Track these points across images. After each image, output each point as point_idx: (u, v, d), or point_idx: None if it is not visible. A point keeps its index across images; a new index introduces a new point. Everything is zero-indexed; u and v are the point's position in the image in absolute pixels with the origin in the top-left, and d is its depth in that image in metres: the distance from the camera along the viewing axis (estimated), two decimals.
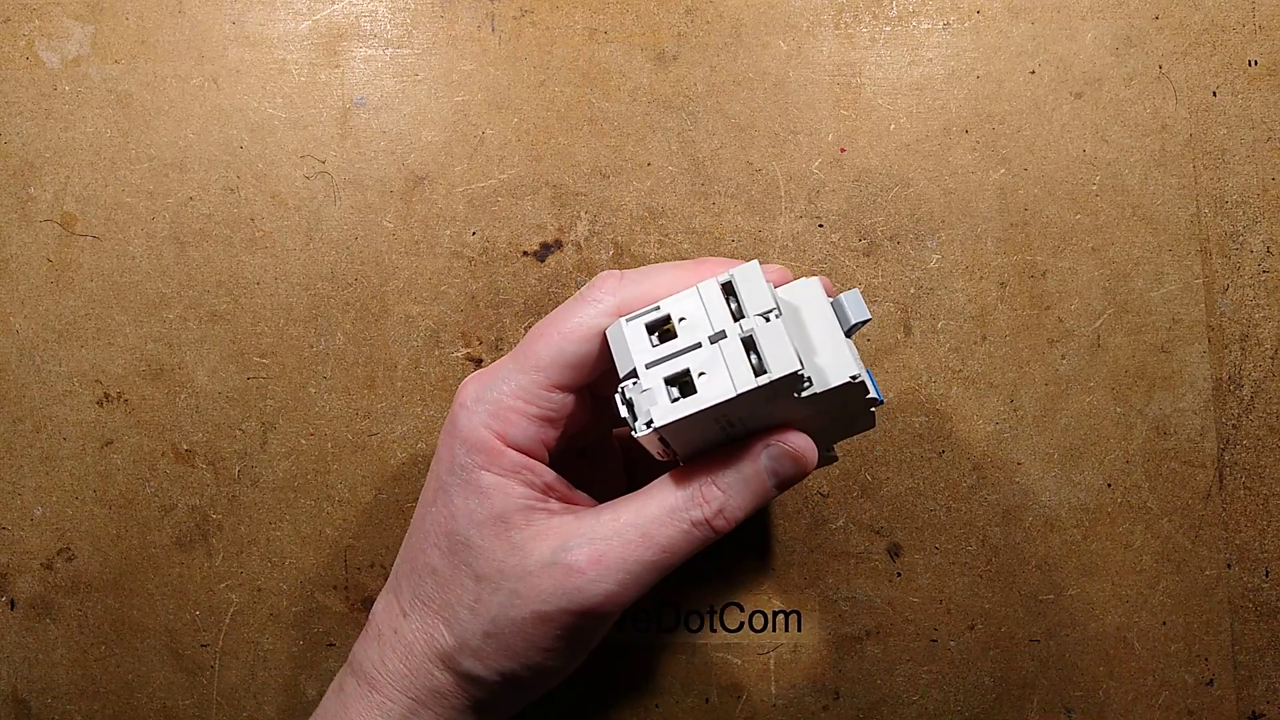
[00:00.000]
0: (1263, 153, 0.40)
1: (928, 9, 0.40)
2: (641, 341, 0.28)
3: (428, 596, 0.31)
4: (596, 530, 0.29)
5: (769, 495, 0.30)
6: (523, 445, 0.30)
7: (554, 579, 0.29)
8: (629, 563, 0.29)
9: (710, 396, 0.27)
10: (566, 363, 0.30)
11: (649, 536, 0.29)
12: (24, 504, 0.40)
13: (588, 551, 0.29)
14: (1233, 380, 0.39)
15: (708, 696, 0.39)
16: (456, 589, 0.30)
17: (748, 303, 0.28)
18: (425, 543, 0.31)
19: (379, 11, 0.41)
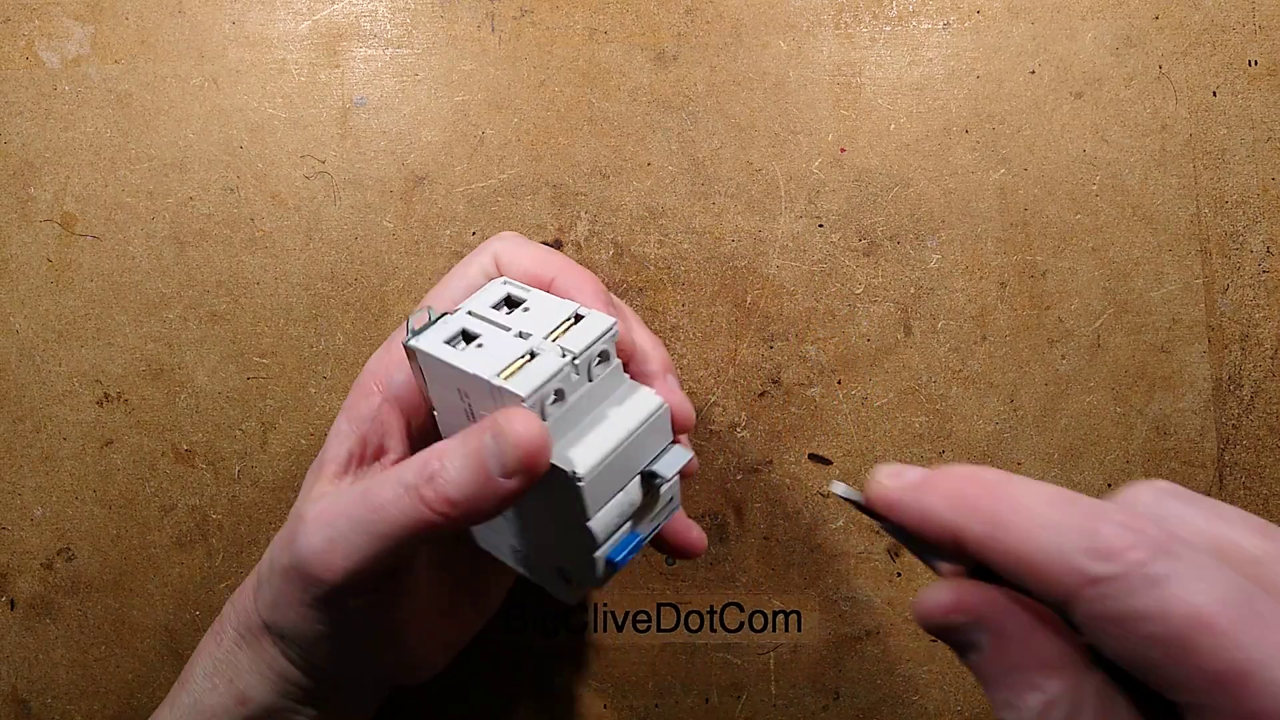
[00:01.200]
0: (1263, 153, 0.40)
1: (928, 9, 0.40)
2: (491, 298, 0.29)
3: None
4: (341, 486, 0.28)
5: (491, 480, 0.25)
6: (397, 391, 0.30)
7: (290, 528, 0.28)
8: (340, 518, 0.26)
9: (451, 357, 0.27)
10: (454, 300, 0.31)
11: (367, 495, 0.26)
12: (24, 504, 0.40)
13: (324, 504, 0.27)
14: (1233, 380, 0.39)
15: (708, 696, 0.39)
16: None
17: (569, 336, 0.27)
18: None
19: (379, 11, 0.41)
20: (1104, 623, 0.19)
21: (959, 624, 0.21)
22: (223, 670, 0.31)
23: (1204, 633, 0.18)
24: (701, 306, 0.40)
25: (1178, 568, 0.18)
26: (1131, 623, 0.18)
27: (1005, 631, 0.21)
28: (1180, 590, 0.18)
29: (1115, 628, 0.18)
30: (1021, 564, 0.20)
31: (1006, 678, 0.21)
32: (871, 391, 0.40)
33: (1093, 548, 0.19)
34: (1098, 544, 0.19)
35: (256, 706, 0.31)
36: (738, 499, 0.40)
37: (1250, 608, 0.18)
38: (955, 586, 0.22)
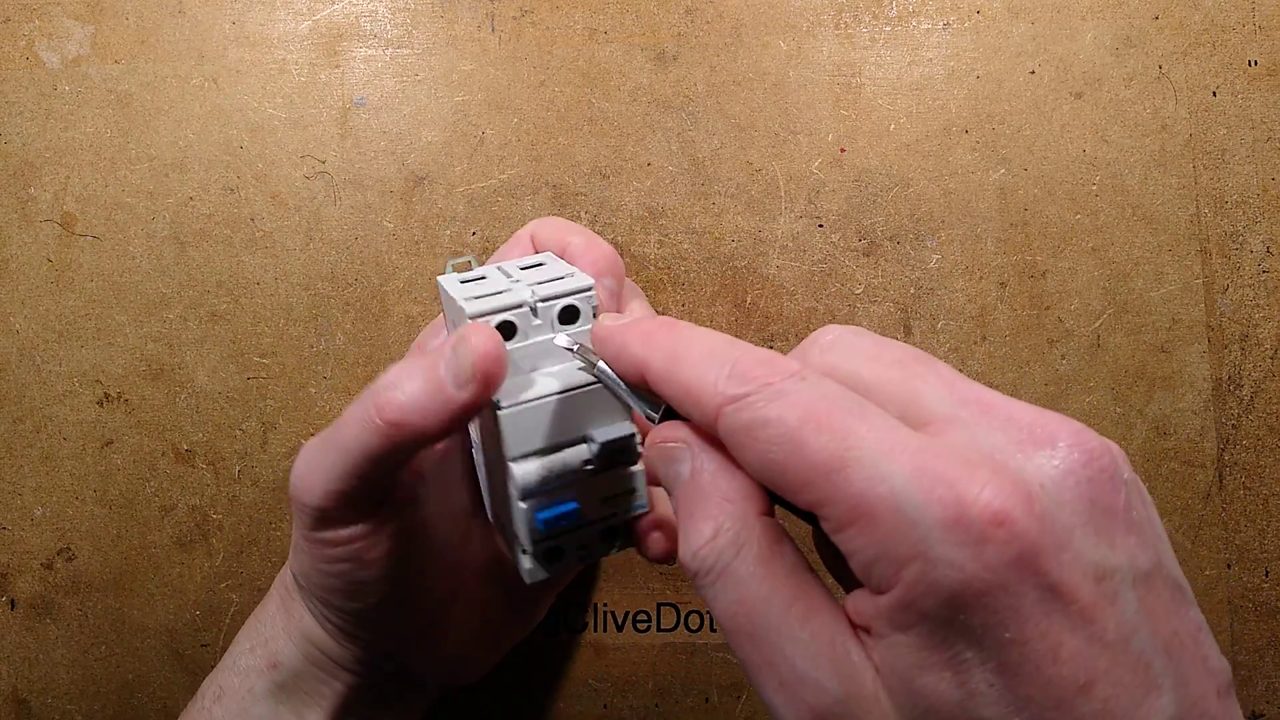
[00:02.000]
0: (1263, 153, 0.40)
1: (928, 9, 0.40)
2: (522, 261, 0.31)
3: None
4: None
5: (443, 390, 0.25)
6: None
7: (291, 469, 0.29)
8: (316, 442, 0.27)
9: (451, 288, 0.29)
10: None
11: (339, 423, 0.27)
12: (24, 504, 0.40)
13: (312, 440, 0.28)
14: (1233, 380, 0.39)
15: (708, 696, 0.39)
16: None
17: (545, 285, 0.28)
18: None
19: (379, 11, 0.41)
20: (737, 434, 0.21)
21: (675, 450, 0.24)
22: (260, 634, 0.32)
23: (809, 428, 0.20)
24: (701, 306, 0.40)
25: (798, 385, 0.21)
26: (757, 429, 0.21)
27: (702, 461, 0.23)
28: (795, 399, 0.21)
29: (744, 436, 0.21)
30: (684, 390, 0.23)
31: (693, 506, 0.23)
32: None
33: (733, 374, 0.22)
34: (737, 371, 0.22)
35: (286, 671, 0.31)
36: None
37: (855, 409, 0.20)
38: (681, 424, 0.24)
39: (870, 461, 0.19)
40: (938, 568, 0.18)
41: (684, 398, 0.23)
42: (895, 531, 0.19)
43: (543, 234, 0.33)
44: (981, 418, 0.21)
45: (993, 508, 0.18)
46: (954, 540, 0.18)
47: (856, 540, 0.20)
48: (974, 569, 0.18)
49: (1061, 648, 0.18)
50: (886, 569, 0.19)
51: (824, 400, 0.21)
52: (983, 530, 0.18)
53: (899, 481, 0.19)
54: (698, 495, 0.23)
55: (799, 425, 0.20)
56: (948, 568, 0.18)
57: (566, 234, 0.32)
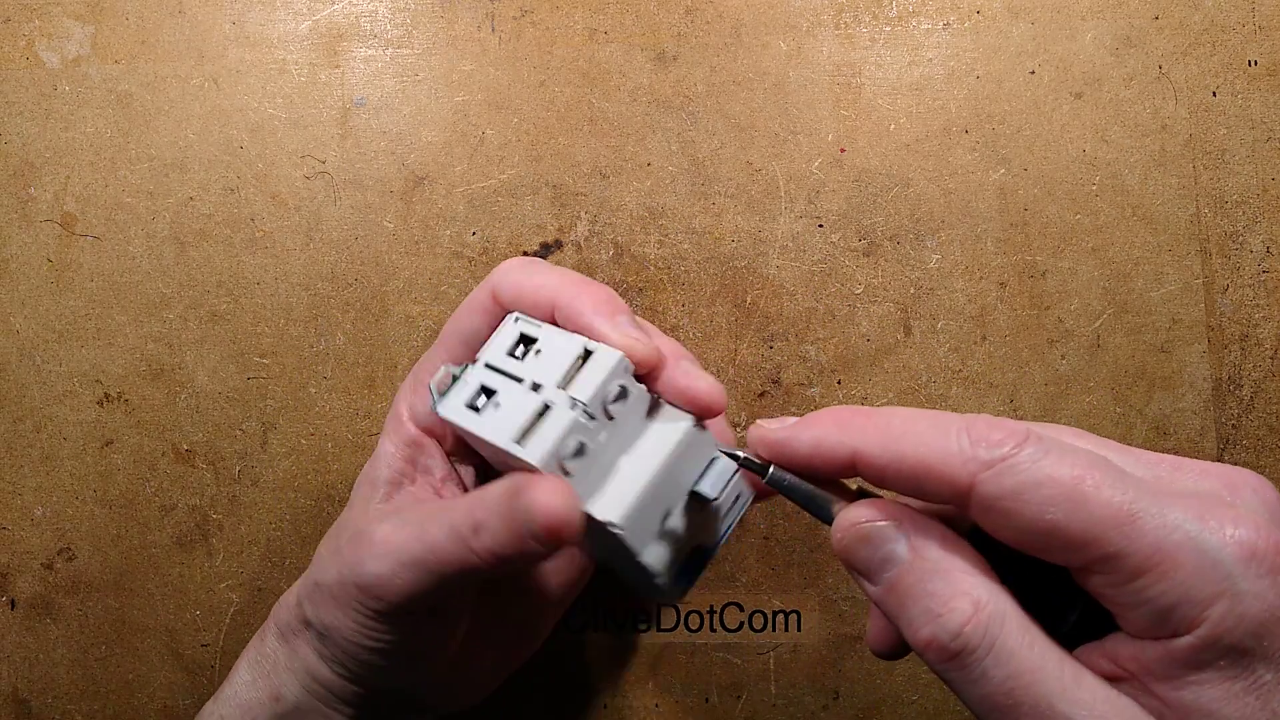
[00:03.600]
0: (1263, 153, 0.40)
1: (928, 9, 0.40)
2: (506, 341, 0.29)
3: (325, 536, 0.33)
4: (409, 514, 0.29)
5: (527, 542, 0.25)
6: (424, 422, 0.32)
7: (358, 547, 0.28)
8: (404, 551, 0.27)
9: (473, 425, 0.27)
10: (462, 336, 0.31)
11: (425, 531, 0.27)
12: (24, 504, 0.40)
13: (387, 529, 0.28)
14: (1233, 380, 0.39)
15: (708, 696, 0.39)
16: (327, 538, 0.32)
17: (579, 382, 0.27)
18: None
19: (379, 11, 0.41)
20: (1004, 499, 0.21)
21: (881, 531, 0.23)
22: (262, 667, 0.32)
23: (1088, 486, 0.21)
24: (701, 307, 0.40)
25: (1049, 447, 0.21)
26: (1029, 491, 0.21)
27: (924, 536, 0.23)
28: (1058, 460, 0.21)
29: (1015, 501, 0.21)
30: (920, 466, 0.22)
31: (928, 586, 0.22)
32: (871, 392, 0.40)
33: (975, 440, 0.22)
34: (977, 436, 0.22)
35: (289, 705, 0.31)
36: None
37: (1113, 468, 0.21)
38: (872, 501, 0.24)
39: (1157, 511, 0.20)
40: (1244, 601, 0.20)
41: (919, 474, 0.22)
42: (1198, 573, 0.20)
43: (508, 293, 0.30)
44: (1179, 473, 0.22)
45: (1274, 540, 0.20)
46: (1254, 574, 0.20)
47: (1153, 588, 0.20)
48: (1273, 597, 0.20)
49: None
50: (1190, 610, 0.20)
51: (1084, 460, 0.21)
52: (1274, 561, 0.20)
53: (1192, 527, 0.20)
54: (933, 572, 0.22)
55: (1076, 483, 0.21)
56: (1254, 600, 0.20)
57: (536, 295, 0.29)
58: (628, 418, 0.27)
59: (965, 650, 0.22)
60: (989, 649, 0.21)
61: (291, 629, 0.32)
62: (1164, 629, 0.21)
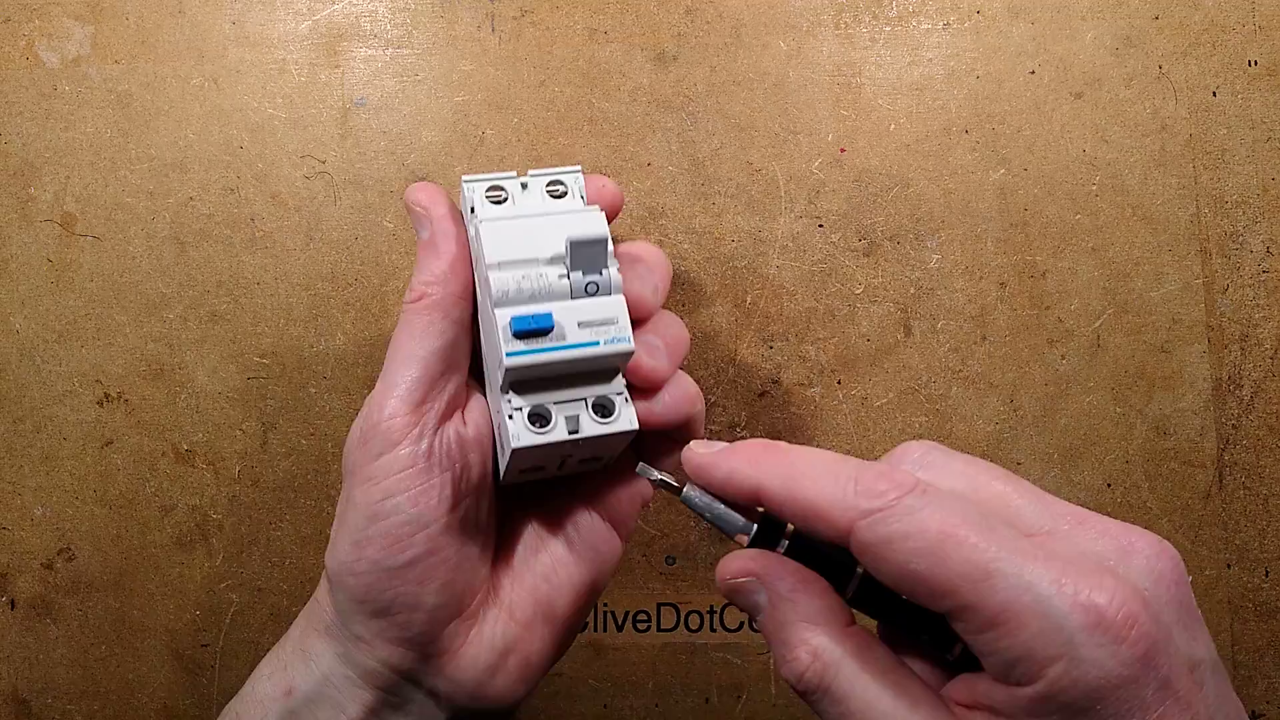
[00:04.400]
0: (1263, 153, 0.40)
1: (928, 9, 0.40)
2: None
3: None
4: None
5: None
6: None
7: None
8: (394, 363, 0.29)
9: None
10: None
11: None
12: (24, 504, 0.40)
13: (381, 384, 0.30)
14: (1233, 380, 0.39)
15: (708, 696, 0.39)
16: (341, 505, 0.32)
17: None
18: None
19: (379, 11, 0.41)
20: (876, 546, 0.23)
21: (746, 585, 0.26)
22: (280, 660, 0.32)
23: (951, 542, 0.22)
24: (701, 306, 0.40)
25: (928, 500, 0.23)
26: (897, 542, 0.23)
27: (778, 591, 0.26)
28: (930, 514, 0.23)
29: (885, 548, 0.23)
30: (810, 507, 0.24)
31: (782, 633, 0.25)
32: (871, 392, 0.40)
33: (863, 490, 0.24)
34: (866, 487, 0.24)
35: (301, 697, 0.31)
36: None
37: (985, 524, 0.23)
38: (742, 554, 0.27)
39: (1013, 571, 0.22)
40: (1081, 666, 0.21)
41: (808, 514, 0.25)
42: (1041, 634, 0.21)
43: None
44: (1078, 529, 0.24)
45: (1125, 610, 0.21)
46: (1096, 641, 0.21)
47: (1000, 642, 0.22)
48: (1113, 666, 0.21)
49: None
50: (1030, 667, 0.22)
51: (956, 514, 0.23)
52: (1119, 631, 0.21)
53: (1042, 589, 0.22)
54: (783, 622, 0.25)
55: (940, 539, 0.22)
56: (1091, 666, 0.21)
57: None
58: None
59: (806, 691, 0.25)
60: (825, 692, 0.24)
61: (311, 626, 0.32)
62: (1010, 678, 0.22)
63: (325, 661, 0.31)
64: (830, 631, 0.25)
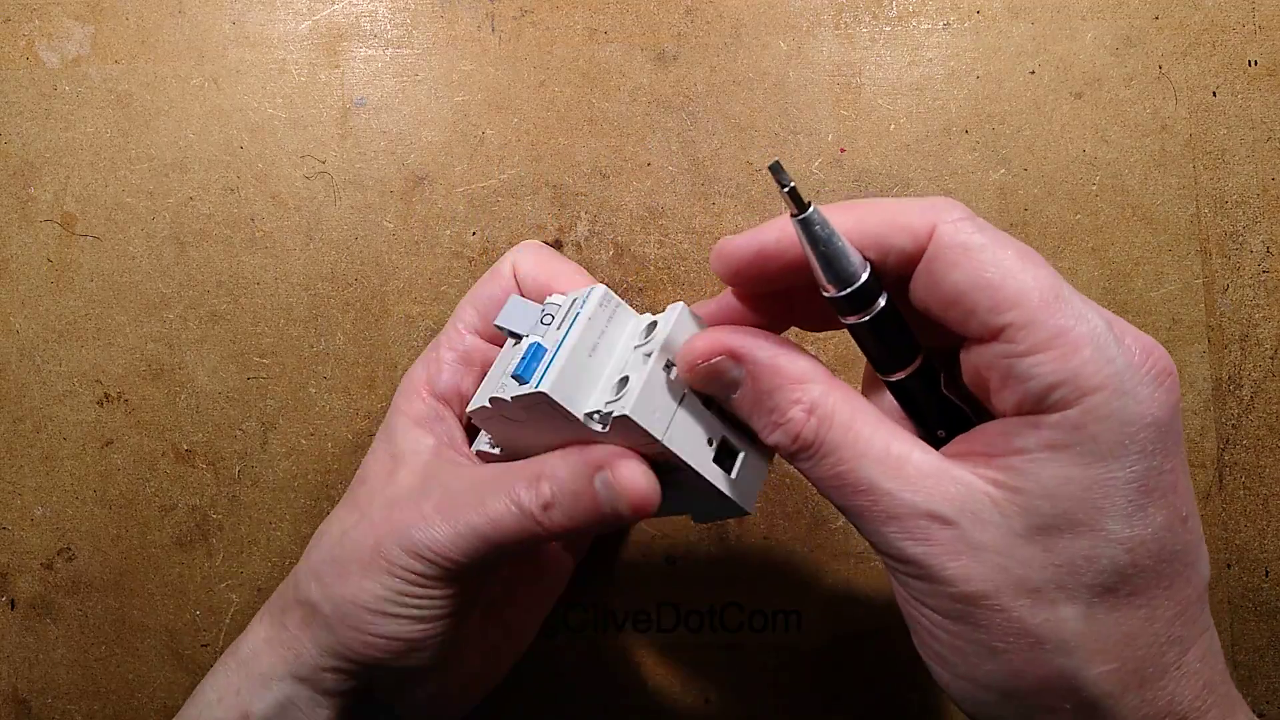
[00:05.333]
0: (1263, 153, 0.40)
1: (928, 9, 0.40)
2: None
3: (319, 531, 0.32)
4: (454, 483, 0.29)
5: (602, 519, 0.27)
6: (443, 391, 0.32)
7: (402, 515, 0.29)
8: (460, 521, 0.28)
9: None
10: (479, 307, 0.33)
11: (484, 504, 0.28)
12: (24, 504, 0.40)
13: (437, 500, 0.29)
14: (1233, 380, 0.39)
15: (708, 696, 0.39)
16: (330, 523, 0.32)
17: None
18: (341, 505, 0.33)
19: (379, 11, 0.41)
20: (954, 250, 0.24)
21: (719, 365, 0.26)
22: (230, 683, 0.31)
23: (1030, 259, 0.23)
24: None
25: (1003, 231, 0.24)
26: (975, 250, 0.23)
27: (759, 358, 0.25)
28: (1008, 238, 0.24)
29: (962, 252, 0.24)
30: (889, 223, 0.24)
31: (767, 400, 0.25)
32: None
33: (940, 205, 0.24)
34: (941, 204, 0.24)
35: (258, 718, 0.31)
36: None
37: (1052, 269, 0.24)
38: (709, 333, 0.26)
39: (1079, 302, 0.23)
40: (1123, 398, 0.22)
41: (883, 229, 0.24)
42: (1092, 361, 0.22)
43: (526, 266, 0.32)
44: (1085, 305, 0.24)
45: (1166, 362, 0.23)
46: (1141, 379, 0.22)
47: (1048, 365, 0.22)
48: (1151, 404, 0.22)
49: (1179, 485, 0.23)
50: (1070, 392, 0.22)
51: (1029, 249, 0.24)
52: (1160, 377, 0.23)
53: (1100, 325, 0.23)
54: (768, 389, 0.25)
55: (1019, 255, 0.23)
56: (1132, 399, 0.22)
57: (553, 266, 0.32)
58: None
59: (802, 449, 0.25)
60: (819, 445, 0.25)
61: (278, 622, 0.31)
62: (1040, 405, 0.23)
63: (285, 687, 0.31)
64: (820, 384, 0.25)
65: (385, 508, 0.30)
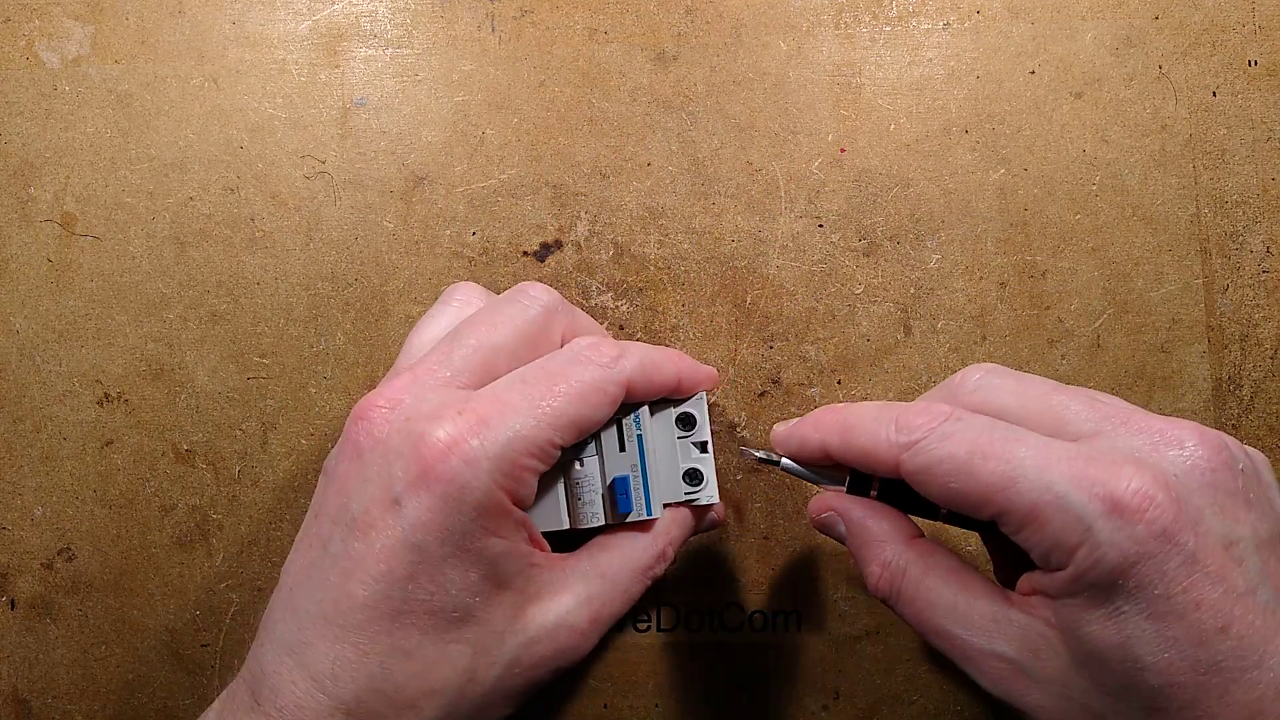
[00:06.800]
0: (1263, 153, 0.40)
1: (928, 9, 0.40)
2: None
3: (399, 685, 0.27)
4: (589, 587, 0.31)
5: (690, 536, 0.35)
6: (525, 501, 0.28)
7: (557, 643, 0.30)
8: (612, 619, 0.31)
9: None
10: (580, 427, 0.29)
11: (628, 593, 0.31)
12: (24, 504, 0.40)
13: (587, 613, 0.30)
14: (1233, 380, 0.39)
15: (708, 696, 0.39)
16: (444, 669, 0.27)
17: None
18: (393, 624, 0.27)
19: (379, 11, 0.41)
20: (919, 474, 0.27)
21: (828, 520, 0.31)
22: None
23: (978, 458, 0.26)
24: (701, 306, 0.40)
25: (959, 425, 0.27)
26: (934, 466, 0.27)
27: (852, 519, 0.31)
28: (959, 437, 0.26)
29: (926, 474, 0.27)
30: (863, 454, 0.29)
31: (859, 553, 0.30)
32: (871, 392, 0.40)
33: (902, 427, 0.27)
34: (904, 424, 0.27)
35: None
36: (738, 499, 0.40)
37: (1010, 436, 0.26)
38: (823, 496, 0.32)
39: (1035, 475, 0.25)
40: (1100, 548, 0.24)
41: (864, 459, 0.29)
42: (1064, 526, 0.24)
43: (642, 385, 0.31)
44: (1121, 428, 0.26)
45: (1140, 493, 0.24)
46: (1112, 525, 0.24)
47: (1033, 538, 0.25)
48: (1129, 545, 0.24)
49: (1202, 599, 0.23)
50: (1060, 555, 0.25)
51: (983, 433, 0.26)
52: (1133, 513, 0.24)
53: (1061, 487, 0.24)
54: (859, 544, 0.30)
55: (968, 458, 0.26)
56: (1109, 546, 0.24)
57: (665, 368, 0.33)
58: None
59: (883, 599, 0.30)
60: (896, 595, 0.29)
61: None
62: (1050, 565, 0.26)
63: None
64: (895, 545, 0.29)
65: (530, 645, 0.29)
